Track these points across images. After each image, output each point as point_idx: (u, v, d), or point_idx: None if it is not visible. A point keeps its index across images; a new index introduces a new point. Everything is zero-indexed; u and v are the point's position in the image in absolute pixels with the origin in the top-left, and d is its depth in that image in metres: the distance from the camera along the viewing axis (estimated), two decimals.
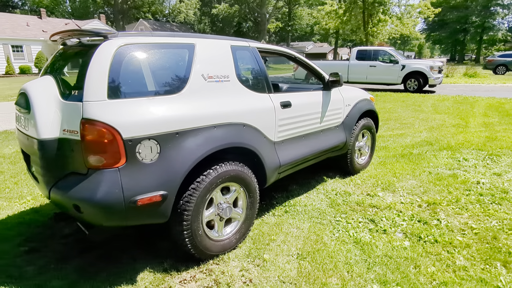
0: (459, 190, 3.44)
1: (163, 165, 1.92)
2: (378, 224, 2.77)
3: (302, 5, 43.06)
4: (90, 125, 1.73)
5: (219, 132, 2.18)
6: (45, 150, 1.84)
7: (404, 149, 4.94)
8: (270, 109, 2.59)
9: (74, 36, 2.11)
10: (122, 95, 1.84)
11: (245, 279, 2.11)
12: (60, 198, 1.87)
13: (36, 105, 1.84)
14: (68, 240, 2.58)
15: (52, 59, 2.42)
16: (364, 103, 3.79)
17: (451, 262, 2.24)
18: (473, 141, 5.31)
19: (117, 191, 1.78)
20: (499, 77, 19.20)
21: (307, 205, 3.13)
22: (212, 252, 2.26)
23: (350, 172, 3.86)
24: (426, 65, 11.59)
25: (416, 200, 3.22)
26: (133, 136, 1.80)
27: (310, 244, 2.48)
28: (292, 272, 2.16)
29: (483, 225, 2.74)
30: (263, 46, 2.81)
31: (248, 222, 2.50)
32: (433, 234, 2.58)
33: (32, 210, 3.10)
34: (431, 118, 7.29)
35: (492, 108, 8.44)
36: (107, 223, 1.88)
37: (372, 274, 2.13)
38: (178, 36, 2.23)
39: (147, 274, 2.16)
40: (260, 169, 2.54)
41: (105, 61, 1.80)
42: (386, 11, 18.00)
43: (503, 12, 47.78)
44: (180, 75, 2.12)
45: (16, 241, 2.56)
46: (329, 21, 21.51)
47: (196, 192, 2.06)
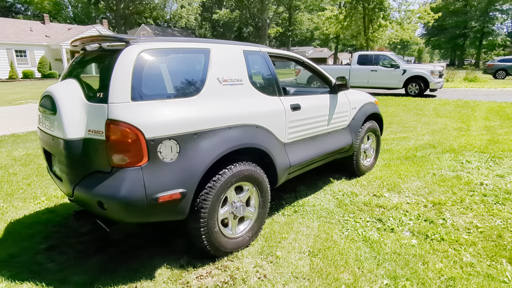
0: (463, 191, 3.52)
1: (183, 164, 2.00)
2: (386, 223, 2.85)
3: (302, 11, 43.43)
4: (115, 126, 1.82)
5: (234, 133, 2.28)
6: (70, 150, 1.93)
7: (408, 151, 5.03)
8: (281, 111, 2.68)
9: (96, 41, 2.20)
10: (144, 97, 1.93)
11: (259, 274, 2.19)
12: (85, 195, 1.96)
13: (62, 107, 1.93)
14: (85, 238, 2.66)
15: (72, 63, 2.52)
16: (369, 106, 3.89)
17: (458, 259, 2.32)
18: (475, 144, 5.39)
19: (139, 188, 1.86)
20: (499, 81, 19.35)
21: (315, 205, 3.21)
22: (227, 249, 2.34)
23: (356, 174, 3.94)
24: (427, 69, 11.71)
25: (422, 201, 3.30)
26: (155, 136, 1.89)
27: (320, 242, 2.55)
28: (304, 268, 2.23)
29: (487, 224, 2.81)
30: (273, 51, 2.91)
31: (260, 221, 2.58)
32: (439, 233, 2.66)
33: (47, 210, 3.18)
34: (433, 122, 7.38)
35: (493, 112, 8.54)
36: (129, 219, 1.96)
37: (382, 270, 2.21)
38: (194, 42, 2.33)
39: (164, 270, 2.23)
40: (272, 170, 2.63)
41: (128, 65, 1.90)
42: (387, 16, 18.21)
43: (502, 17, 48.16)
44: (197, 78, 2.22)
45: (34, 239, 2.64)
46: (329, 26, 21.71)
47: (212, 190, 2.15)
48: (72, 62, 2.54)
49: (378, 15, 17.97)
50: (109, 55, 2.09)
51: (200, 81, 2.21)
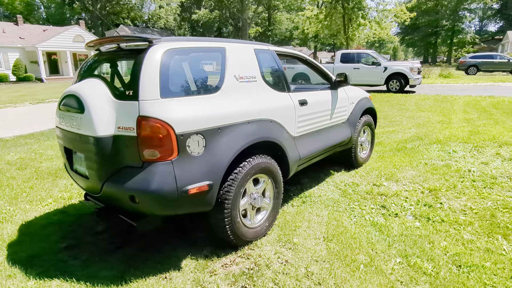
0: (454, 177, 3.78)
1: (209, 158, 2.10)
2: (389, 209, 3.05)
3: (281, 10, 43.87)
4: (146, 122, 1.90)
5: (252, 127, 2.39)
6: (101, 147, 1.98)
7: (398, 144, 5.30)
8: (291, 107, 2.82)
9: (117, 42, 2.26)
10: (171, 94, 2.01)
11: (281, 260, 2.32)
12: (115, 190, 2.02)
13: (91, 106, 1.99)
14: (103, 236, 2.70)
15: (87, 63, 2.55)
16: (365, 101, 4.10)
17: (459, 237, 2.54)
18: (458, 135, 5.74)
19: (171, 181, 1.95)
20: (471, 77, 20.35)
21: (321, 195, 3.38)
22: (247, 239, 2.45)
23: (354, 166, 4.14)
24: (406, 66, 12.21)
25: (418, 188, 3.53)
26: (184, 131, 1.98)
27: (332, 228, 2.71)
28: (322, 253, 2.38)
29: (480, 206, 3.06)
30: (279, 49, 3.05)
31: (275, 211, 2.71)
32: (439, 215, 2.88)
33: (57, 211, 3.17)
34: (416, 116, 7.75)
35: (470, 105, 9.05)
36: (160, 211, 2.04)
37: (394, 250, 2.39)
38: (210, 41, 2.43)
39: (189, 260, 2.32)
40: (284, 162, 2.76)
41: (155, 64, 1.98)
42: (365, 15, 18.79)
43: (470, 16, 50.57)
44: (217, 75, 2.32)
45: (52, 239, 2.65)
46: (310, 26, 22.10)
47: (234, 182, 2.26)
48: (87, 62, 2.58)
49: (357, 15, 18.53)
50: (133, 55, 2.16)
51: (220, 79, 2.31)
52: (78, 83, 2.25)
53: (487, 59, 22.25)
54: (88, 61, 2.59)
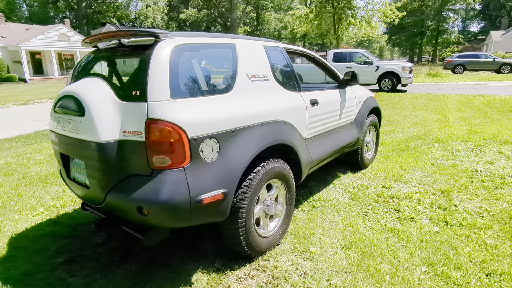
0: (463, 178, 3.70)
1: (223, 164, 1.93)
2: (404, 213, 2.93)
3: (270, 10, 43.78)
4: (156, 125, 1.71)
5: (266, 129, 2.23)
6: (104, 154, 1.78)
7: (400, 143, 5.22)
8: (303, 107, 2.67)
9: (119, 37, 2.05)
10: (182, 94, 1.83)
11: (300, 272, 2.16)
12: (121, 201, 1.82)
13: (92, 108, 1.78)
14: (102, 249, 2.48)
15: (83, 62, 2.34)
16: (370, 100, 3.99)
17: (482, 242, 2.43)
18: (458, 134, 5.71)
19: (183, 190, 1.76)
20: (458, 76, 20.69)
21: (331, 199, 3.24)
22: (261, 249, 2.28)
23: (360, 167, 4.02)
24: (398, 65, 12.26)
25: (429, 189, 3.43)
26: (197, 135, 1.80)
27: (349, 235, 2.57)
28: (342, 262, 2.23)
29: (496, 207, 2.98)
30: (288, 46, 2.89)
31: (288, 218, 2.55)
32: (456, 218, 2.78)
33: (50, 221, 2.93)
34: (413, 115, 7.73)
35: (463, 104, 9.10)
36: (172, 224, 1.85)
37: (417, 258, 2.26)
38: (219, 37, 2.25)
39: (201, 275, 2.14)
40: (296, 165, 2.60)
41: (164, 61, 1.79)
42: (355, 15, 18.86)
43: (454, 16, 51.66)
44: (228, 74, 2.14)
45: (46, 253, 2.42)
46: (299, 25, 22.05)
47: (249, 189, 2.08)
48: (83, 61, 2.36)
49: (347, 14, 18.57)
50: (136, 51, 1.97)
51: (232, 77, 2.14)
52: (76, 82, 2.03)
53: (473, 58, 22.69)
54: (84, 60, 2.37)
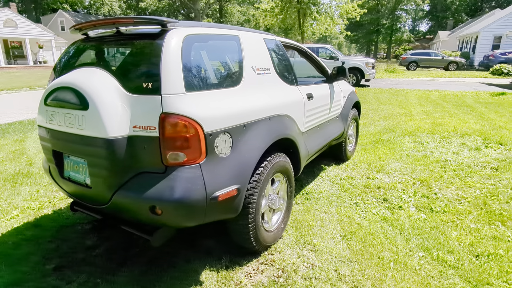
0: (436, 168, 3.98)
1: (236, 159, 1.88)
2: (392, 202, 3.09)
3: (233, 3, 43.28)
4: (171, 120, 1.62)
5: (273, 123, 2.21)
6: (112, 150, 1.65)
7: (375, 136, 5.47)
8: (301, 101, 2.68)
9: (119, 25, 1.90)
10: (196, 87, 1.75)
11: (307, 264, 2.19)
12: (131, 200, 1.71)
13: (98, 101, 1.64)
14: (98, 251, 2.32)
15: (72, 51, 2.14)
16: (353, 94, 4.12)
17: (466, 226, 2.64)
18: (423, 127, 6.11)
19: (200, 187, 1.70)
20: (412, 72, 22.07)
21: (322, 191, 3.31)
22: (267, 243, 2.28)
23: (343, 159, 4.15)
24: (362, 61, 12.77)
25: (410, 179, 3.64)
26: (213, 130, 1.74)
27: (346, 225, 2.65)
28: (346, 252, 2.31)
29: (470, 194, 3.24)
30: (283, 40, 2.88)
31: (289, 211, 2.57)
32: (440, 206, 2.99)
33: (29, 225, 2.69)
34: (380, 109, 8.12)
35: (422, 98, 9.74)
36: (187, 223, 1.78)
37: (413, 244, 2.40)
38: (224, 28, 2.18)
39: (209, 273, 2.09)
40: (296, 159, 2.62)
41: (176, 52, 1.69)
42: (319, 10, 19.30)
43: (405, 16, 54.90)
44: (236, 67, 2.09)
45: (33, 260, 2.22)
46: (266, 19, 22.08)
47: (258, 184, 2.06)
48: (71, 50, 2.16)
49: (312, 10, 18.95)
50: (140, 40, 1.85)
51: (239, 70, 2.09)
52: (71, 73, 1.85)
53: (425, 56, 24.33)
54: (72, 49, 2.17)
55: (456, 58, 23.62)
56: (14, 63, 26.39)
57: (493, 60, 20.83)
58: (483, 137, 5.21)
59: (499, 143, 4.88)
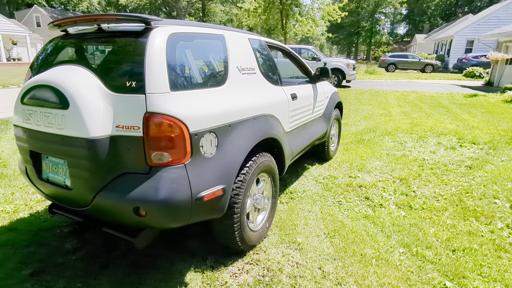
0: (415, 166, 4.11)
1: (221, 159, 1.88)
2: (373, 200, 3.16)
3: (216, 2, 43.05)
4: (156, 119, 1.60)
5: (258, 123, 2.22)
6: (95, 151, 1.61)
7: (356, 136, 5.59)
8: (285, 101, 2.71)
9: (100, 21, 1.85)
10: (181, 87, 1.73)
11: (292, 262, 2.21)
12: (114, 202, 1.67)
13: (79, 99, 1.59)
14: (78, 254, 2.26)
15: (49, 48, 2.07)
16: (335, 95, 4.19)
17: (443, 222, 2.74)
18: (402, 127, 6.29)
19: (185, 188, 1.69)
20: (391, 74, 22.70)
21: (305, 190, 3.35)
22: (252, 243, 2.29)
23: (326, 159, 4.22)
24: (343, 62, 13.01)
25: (389, 178, 3.75)
26: (198, 129, 1.73)
27: (329, 224, 2.70)
28: (330, 250, 2.35)
29: (447, 191, 3.37)
30: (268, 40, 2.90)
31: (273, 211, 2.58)
32: (418, 203, 3.09)
33: (4, 229, 2.57)
34: (360, 109, 8.30)
35: (401, 99, 10.04)
36: (171, 224, 1.76)
37: (393, 241, 2.47)
38: (208, 27, 2.16)
39: (194, 274, 2.08)
40: (280, 159, 2.64)
41: (161, 50, 1.67)
42: (302, 12, 19.50)
43: (384, 19, 56.36)
44: (221, 66, 2.09)
45: (8, 266, 2.12)
46: (248, 19, 22.08)
47: (243, 184, 2.07)
48: (49, 47, 2.09)
49: (294, 11, 19.11)
50: (122, 38, 1.81)
51: (225, 69, 2.08)
52: (50, 70, 1.79)
53: (403, 58, 25.10)
54: (50, 46, 2.10)
55: (432, 61, 24.48)
56: None
57: (466, 63, 21.74)
58: (458, 137, 5.42)
59: (472, 143, 5.10)
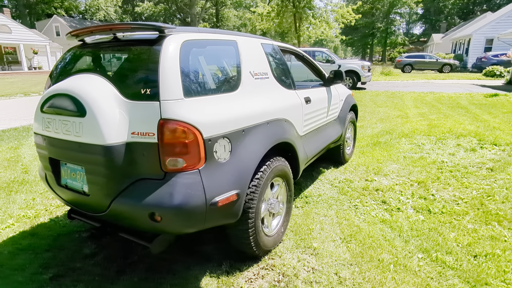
0: (433, 169, 4.00)
1: (235, 164, 1.88)
2: (390, 204, 3.10)
3: (229, 7, 43.50)
4: (170, 125, 1.62)
5: (272, 128, 2.22)
6: (111, 157, 1.65)
7: (372, 138, 5.50)
8: (299, 105, 2.69)
9: (116, 31, 1.90)
10: (195, 93, 1.75)
11: (307, 268, 2.19)
12: (130, 208, 1.70)
13: (95, 107, 1.63)
14: (96, 259, 2.30)
15: (68, 58, 2.14)
16: (350, 98, 4.14)
17: (463, 227, 2.65)
18: (419, 128, 6.15)
19: (199, 193, 1.70)
20: (407, 74, 22.25)
21: (321, 194, 3.32)
22: (268, 248, 2.28)
23: (342, 162, 4.16)
24: (358, 64, 12.86)
25: (407, 181, 3.66)
26: (211, 135, 1.74)
27: (345, 228, 2.66)
28: (346, 255, 2.31)
29: (467, 195, 3.26)
30: (280, 44, 2.90)
31: (288, 215, 2.57)
32: (437, 207, 3.00)
33: (25, 234, 2.66)
34: (376, 111, 8.17)
35: (418, 100, 9.82)
36: (187, 229, 1.77)
37: (412, 246, 2.40)
38: (221, 33, 2.18)
39: (209, 279, 2.08)
40: (294, 163, 2.63)
41: (174, 57, 1.70)
42: (315, 14, 19.46)
43: (400, 19, 55.46)
44: (234, 72, 2.10)
45: (30, 270, 2.19)
46: (262, 23, 22.20)
47: (257, 189, 2.06)
48: (67, 56, 2.16)
49: (308, 14, 19.09)
50: (138, 46, 1.85)
51: (237, 75, 2.09)
52: (68, 79, 1.85)
53: (419, 58, 24.57)
54: (68, 55, 2.17)
55: (449, 61, 23.87)
56: (8, 69, 26.25)
57: (485, 62, 21.09)
58: (478, 138, 5.25)
59: (493, 144, 4.92)
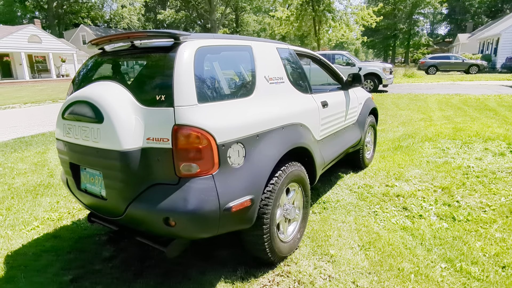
0: (458, 174, 3.83)
1: (249, 169, 1.87)
2: (412, 210, 2.98)
3: (249, 12, 43.88)
4: (184, 131, 1.63)
5: (287, 132, 2.20)
6: (127, 162, 1.68)
7: (393, 142, 5.34)
8: (315, 109, 2.66)
9: (133, 39, 1.95)
10: (209, 98, 1.76)
11: (324, 275, 2.13)
12: (145, 212, 1.72)
13: (112, 114, 1.68)
14: (114, 262, 2.35)
15: (89, 65, 2.21)
16: (370, 101, 4.05)
17: (491, 236, 2.51)
18: (444, 132, 5.92)
19: (213, 198, 1.70)
20: (431, 76, 21.56)
21: (339, 200, 3.25)
22: (283, 254, 2.25)
23: (361, 167, 4.07)
24: (379, 67, 12.59)
25: (430, 187, 3.52)
26: (225, 140, 1.74)
27: (364, 235, 2.58)
28: (364, 263, 2.23)
29: (495, 202, 3.09)
30: (296, 48, 2.88)
31: (305, 221, 2.52)
32: (462, 214, 2.86)
33: (49, 236, 2.76)
34: (398, 114, 7.94)
35: (443, 103, 9.47)
36: (200, 234, 1.78)
37: (434, 255, 2.30)
38: (236, 38, 2.19)
39: (224, 285, 2.07)
40: (311, 168, 2.59)
41: (188, 64, 1.72)
42: (335, 17, 19.29)
43: (423, 20, 53.91)
44: (249, 77, 2.10)
45: (51, 271, 2.26)
46: (280, 27, 22.25)
47: (272, 194, 2.04)
48: (88, 64, 2.23)
49: (327, 17, 18.95)
50: (154, 53, 1.89)
51: (252, 80, 2.09)
52: (87, 87, 1.91)
53: (444, 59, 23.74)
54: (89, 63, 2.25)
55: (477, 61, 22.93)
56: (38, 76, 27.63)
57: None
58: (508, 142, 4.98)
59: None
